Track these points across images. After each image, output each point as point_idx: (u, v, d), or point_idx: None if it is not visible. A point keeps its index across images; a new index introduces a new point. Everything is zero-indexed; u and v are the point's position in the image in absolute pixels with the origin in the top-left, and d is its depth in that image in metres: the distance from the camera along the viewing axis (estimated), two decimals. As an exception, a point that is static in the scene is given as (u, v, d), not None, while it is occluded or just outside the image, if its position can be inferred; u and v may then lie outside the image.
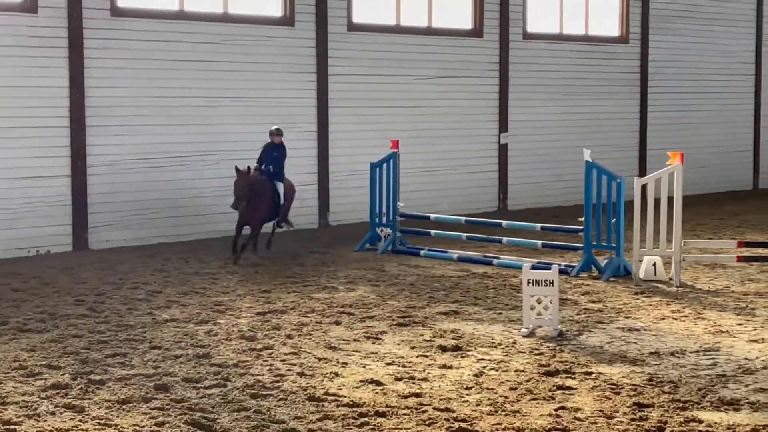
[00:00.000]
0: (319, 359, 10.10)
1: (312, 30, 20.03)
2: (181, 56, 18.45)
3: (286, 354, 10.31)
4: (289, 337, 11.07)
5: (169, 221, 18.33)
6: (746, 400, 8.69)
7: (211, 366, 9.81)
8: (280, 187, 16.77)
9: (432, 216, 17.83)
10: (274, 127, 16.89)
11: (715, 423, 8.08)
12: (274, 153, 16.64)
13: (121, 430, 7.88)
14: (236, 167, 15.98)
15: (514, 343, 10.82)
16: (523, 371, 9.66)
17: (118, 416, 8.24)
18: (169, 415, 8.26)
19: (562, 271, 14.20)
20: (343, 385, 9.16)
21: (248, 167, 16.09)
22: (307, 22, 19.96)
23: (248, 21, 19.33)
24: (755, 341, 10.89)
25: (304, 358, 10.16)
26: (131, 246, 17.63)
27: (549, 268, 11.55)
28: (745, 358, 10.14)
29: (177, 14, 18.52)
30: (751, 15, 28.27)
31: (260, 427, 7.97)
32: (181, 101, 18.51)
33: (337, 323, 11.77)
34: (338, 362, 9.99)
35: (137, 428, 7.92)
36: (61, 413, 8.30)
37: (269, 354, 10.31)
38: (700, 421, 8.12)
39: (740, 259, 15.09)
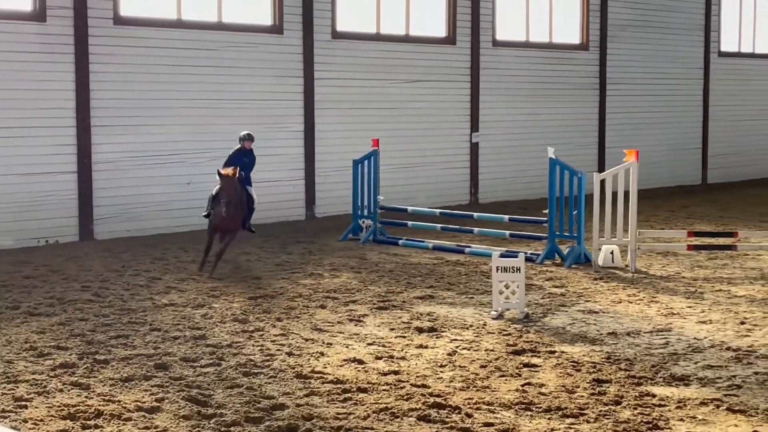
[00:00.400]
0: (306, 340, 10.09)
1: (299, 37, 19.95)
2: (179, 62, 18.36)
3: (275, 335, 10.29)
4: (278, 319, 11.05)
5: (167, 214, 18.25)
6: (695, 376, 8.73)
7: (206, 346, 9.78)
8: (252, 191, 14.93)
9: (409, 208, 17.82)
10: (244, 133, 14.98)
11: (667, 397, 8.11)
12: (244, 159, 14.68)
13: (124, 405, 7.85)
14: (219, 171, 13.93)
15: (485, 324, 10.83)
16: (492, 350, 9.67)
17: (121, 393, 8.21)
18: (168, 391, 8.23)
19: (528, 259, 14.23)
20: (328, 364, 9.15)
21: (237, 169, 13.96)
22: (295, 30, 19.88)
23: (240, 29, 19.24)
24: (703, 322, 10.94)
25: (293, 339, 10.14)
26: (133, 236, 17.54)
27: (516, 256, 11.57)
28: (695, 338, 10.19)
29: (175, 23, 18.41)
30: (699, 24, 28.32)
31: (252, 402, 7.95)
32: (179, 103, 18.42)
33: (323, 307, 11.75)
34: (323, 343, 9.98)
35: (139, 404, 7.90)
36: (68, 390, 8.27)
37: (260, 335, 10.29)
38: (654, 396, 8.15)
39: (690, 247, 15.14)
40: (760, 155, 30.65)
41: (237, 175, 13.82)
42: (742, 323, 10.84)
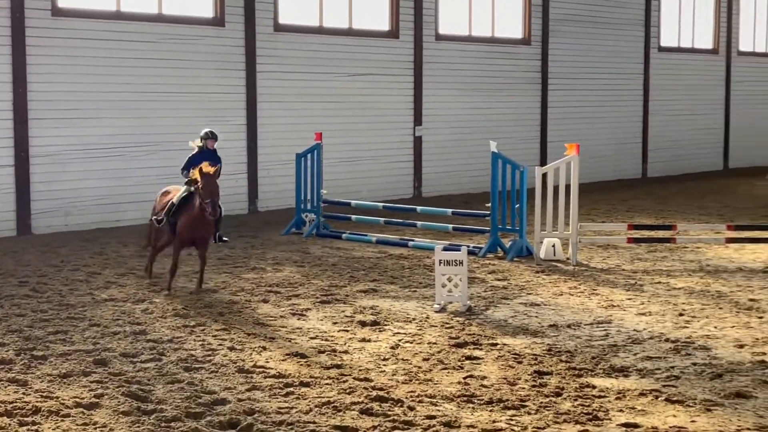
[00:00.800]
0: (248, 334, 10.04)
1: (241, 30, 19.84)
2: (118, 54, 18.14)
3: (217, 330, 10.22)
4: (220, 314, 10.98)
5: (106, 208, 18.04)
6: (634, 367, 8.84)
7: (147, 342, 9.69)
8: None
9: (353, 202, 17.80)
10: (207, 130, 13.00)
11: (607, 388, 8.21)
12: (209, 160, 12.46)
13: (62, 402, 7.74)
14: (201, 169, 11.87)
15: (428, 317, 10.87)
16: (435, 343, 9.71)
17: (59, 389, 8.10)
18: (107, 387, 8.14)
19: (470, 252, 14.29)
20: (271, 358, 9.12)
21: (218, 167, 12.22)
22: (237, 22, 19.76)
23: (181, 21, 19.07)
24: (643, 314, 11.08)
25: (235, 333, 10.09)
26: (72, 231, 17.31)
27: (459, 250, 11.62)
28: (634, 330, 10.32)
29: (114, 14, 18.19)
30: (639, 20, 28.70)
31: (193, 397, 7.89)
32: (119, 96, 18.21)
33: (265, 301, 11.71)
34: (266, 337, 9.94)
35: (77, 400, 7.79)
36: (5, 387, 8.14)
37: (202, 330, 10.22)
38: (594, 387, 8.24)
39: (630, 240, 15.33)
40: (698, 149, 31.16)
41: (218, 173, 12.09)
42: (681, 315, 11.01)
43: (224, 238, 12.91)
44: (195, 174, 11.96)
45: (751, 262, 14.47)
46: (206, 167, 11.92)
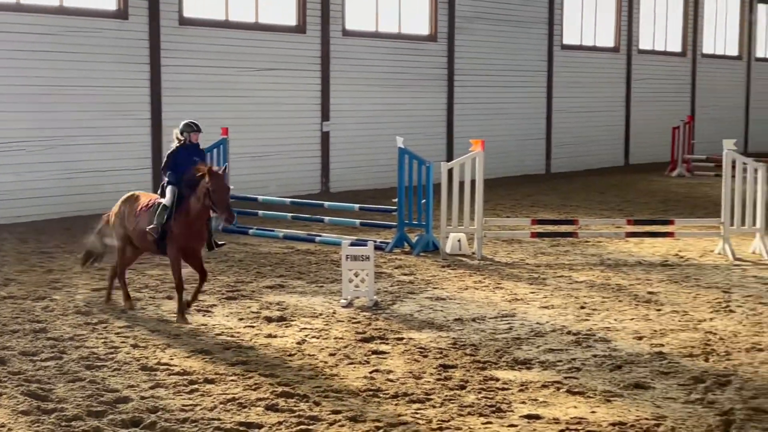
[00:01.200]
0: (152, 332, 9.90)
1: (145, 23, 19.52)
2: (18, 46, 17.69)
3: (120, 327, 10.06)
4: (123, 311, 10.80)
5: (7, 203, 17.59)
6: (537, 360, 8.98)
7: (47, 340, 9.48)
8: None
9: (260, 198, 17.68)
10: (189, 121, 11.08)
11: (510, 380, 8.32)
12: (194, 158, 10.73)
13: (-43, 403, 7.54)
14: (210, 168, 10.34)
15: (334, 313, 10.87)
16: (341, 338, 9.72)
17: (-45, 390, 7.87)
18: (6, 387, 7.95)
19: (377, 248, 14.35)
20: (175, 355, 9.01)
21: (227, 166, 10.77)
22: (140, 15, 19.44)
23: (83, 14, 18.68)
24: (546, 307, 11.26)
25: (138, 330, 9.94)
26: (-31, 227, 16.86)
27: (366, 245, 11.66)
28: (537, 323, 10.48)
29: (15, 6, 17.74)
30: (543, 18, 29.14)
31: (94, 395, 7.76)
32: (18, 89, 17.76)
33: (170, 298, 11.55)
34: (170, 334, 9.82)
35: (-26, 401, 7.59)
36: None
37: (104, 327, 10.05)
38: (497, 379, 8.35)
39: (534, 235, 15.57)
40: (600, 145, 31.80)
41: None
42: (582, 308, 11.22)
43: (219, 243, 11.24)
44: (201, 171, 10.23)
45: (650, 256, 14.83)
46: (212, 167, 10.48)
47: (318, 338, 9.74)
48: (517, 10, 28.15)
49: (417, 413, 7.46)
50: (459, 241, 14.84)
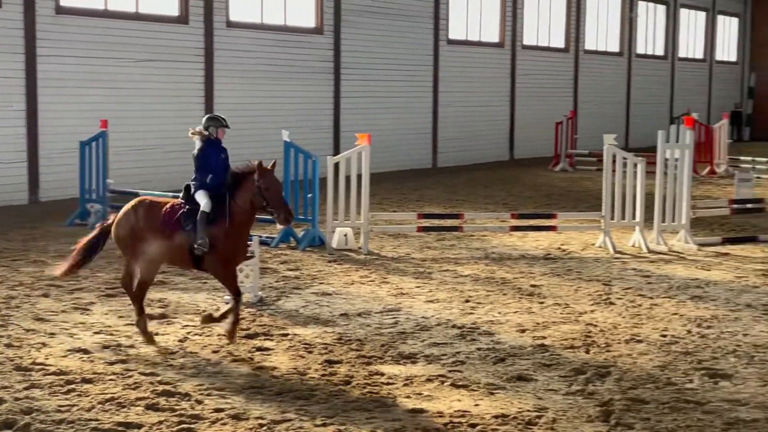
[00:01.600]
0: (27, 330, 9.64)
1: (20, 12, 18.98)
2: None
3: (-7, 327, 9.76)
4: (-4, 310, 10.49)
5: None
6: (422, 354, 9.06)
7: None
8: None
9: (141, 192, 17.34)
10: (216, 115, 10.59)
11: (395, 375, 8.37)
12: (222, 155, 10.12)
13: None
14: (260, 163, 9.49)
15: (218, 309, 10.73)
16: (224, 335, 9.60)
17: None
18: None
19: (262, 243, 14.23)
20: (51, 355, 8.79)
21: (275, 162, 9.77)
22: (15, 3, 18.89)
23: (-47, 0, 18.08)
24: (431, 301, 11.37)
25: (12, 329, 9.66)
26: None
27: (250, 240, 11.54)
28: (422, 317, 10.57)
29: None
30: (429, 12, 29.39)
31: (-35, 399, 7.51)
32: None
33: (46, 296, 11.27)
34: (46, 333, 9.57)
35: None
36: None
37: (-24, 327, 9.73)
38: (383, 374, 8.39)
39: (420, 229, 15.70)
40: (485, 140, 32.26)
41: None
42: (467, 301, 11.36)
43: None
44: (250, 167, 9.44)
45: (533, 249, 15.12)
46: (264, 163, 9.51)
47: (201, 335, 9.62)
48: (404, 4, 28.33)
49: (301, 409, 7.44)
50: (345, 235, 14.86)
